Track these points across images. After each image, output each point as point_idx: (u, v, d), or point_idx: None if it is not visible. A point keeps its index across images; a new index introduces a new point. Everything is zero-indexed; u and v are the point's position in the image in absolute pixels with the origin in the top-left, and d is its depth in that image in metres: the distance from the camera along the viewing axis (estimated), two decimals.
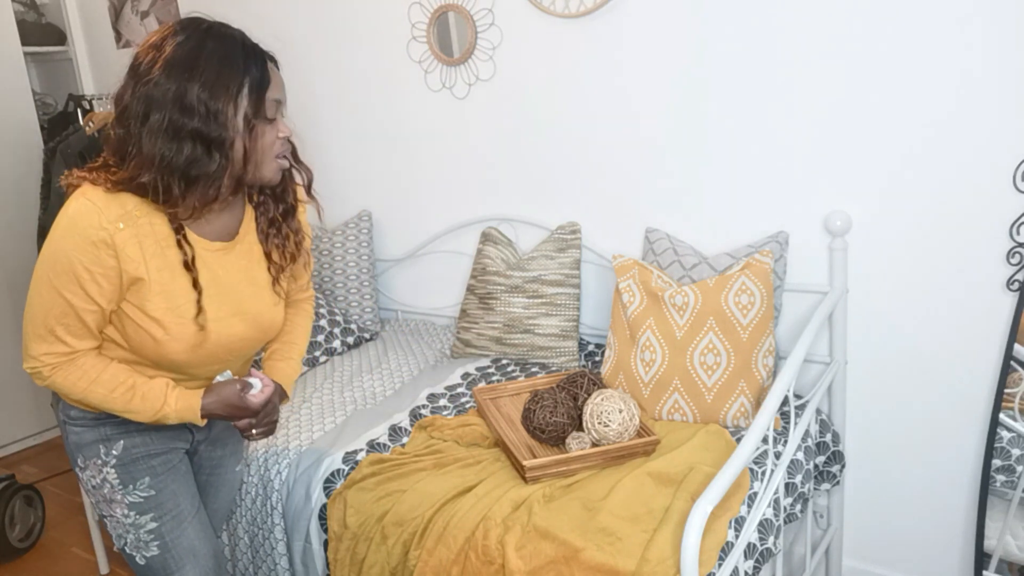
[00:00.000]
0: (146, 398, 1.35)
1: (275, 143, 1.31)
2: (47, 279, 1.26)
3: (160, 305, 1.31)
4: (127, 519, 1.45)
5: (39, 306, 1.28)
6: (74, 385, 1.33)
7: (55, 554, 2.69)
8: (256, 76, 1.25)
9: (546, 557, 1.45)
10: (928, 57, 1.78)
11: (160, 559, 1.47)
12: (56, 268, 1.25)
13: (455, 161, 2.58)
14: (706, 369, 1.85)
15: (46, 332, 1.29)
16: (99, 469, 1.44)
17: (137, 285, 1.29)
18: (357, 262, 2.70)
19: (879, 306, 1.97)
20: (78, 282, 1.25)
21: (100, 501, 1.46)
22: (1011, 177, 1.75)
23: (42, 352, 1.31)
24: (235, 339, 1.42)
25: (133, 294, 1.30)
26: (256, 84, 1.25)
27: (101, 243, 1.24)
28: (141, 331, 1.32)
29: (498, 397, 2.02)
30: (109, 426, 1.43)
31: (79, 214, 1.24)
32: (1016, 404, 1.83)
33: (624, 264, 2.01)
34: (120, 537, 1.47)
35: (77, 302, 1.27)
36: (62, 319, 1.28)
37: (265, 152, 1.30)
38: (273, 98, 1.29)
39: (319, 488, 1.79)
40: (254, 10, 2.83)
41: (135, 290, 1.29)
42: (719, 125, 2.08)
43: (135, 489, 1.44)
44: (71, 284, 1.25)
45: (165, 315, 1.31)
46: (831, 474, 1.99)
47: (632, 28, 2.14)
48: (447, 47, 2.48)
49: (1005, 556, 1.88)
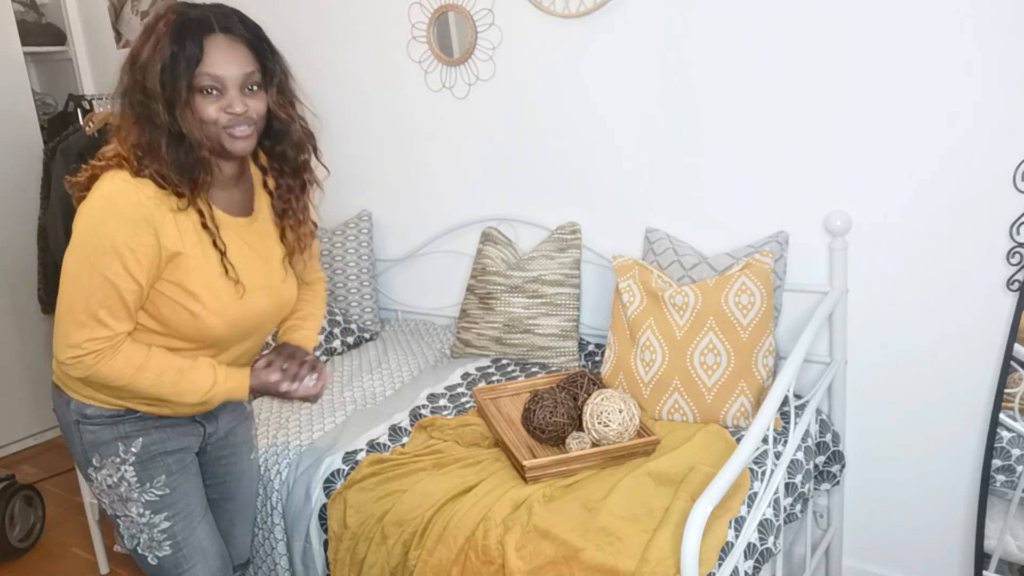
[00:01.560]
0: (196, 379, 1.37)
1: (218, 116, 1.29)
2: (87, 263, 1.27)
3: (198, 280, 1.34)
4: (142, 518, 1.45)
5: (79, 291, 1.28)
6: (120, 373, 1.33)
7: (55, 554, 2.69)
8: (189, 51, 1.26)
9: (546, 557, 1.45)
10: (928, 57, 1.78)
11: (172, 559, 1.48)
12: (97, 250, 1.26)
13: (455, 161, 2.58)
14: (706, 369, 1.85)
15: (87, 317, 1.29)
16: (117, 468, 1.44)
17: (175, 261, 1.31)
18: (357, 262, 2.70)
19: (879, 306, 1.97)
20: (120, 261, 1.26)
21: (115, 501, 1.46)
22: (1011, 177, 1.75)
23: (84, 339, 1.30)
24: (261, 313, 1.45)
25: (171, 271, 1.32)
26: (187, 59, 1.26)
27: (142, 220, 1.26)
28: (178, 308, 1.34)
29: (498, 397, 2.02)
30: (128, 423, 1.43)
31: (116, 194, 1.26)
32: (1016, 404, 1.83)
33: (624, 264, 2.01)
34: (133, 537, 1.47)
35: (120, 282, 1.28)
36: (105, 301, 1.28)
37: (205, 125, 1.29)
38: (206, 71, 1.27)
39: (319, 488, 1.79)
40: (254, 11, 2.82)
41: (173, 266, 1.32)
42: (719, 125, 2.07)
43: (152, 487, 1.45)
44: (114, 264, 1.26)
45: (203, 289, 1.34)
46: (831, 474, 1.99)
47: (632, 28, 2.14)
48: (447, 47, 2.48)
49: (1005, 556, 1.87)
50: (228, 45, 1.29)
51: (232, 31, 1.31)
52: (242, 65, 1.30)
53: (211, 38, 1.28)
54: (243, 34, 1.32)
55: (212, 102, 1.29)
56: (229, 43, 1.30)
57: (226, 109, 1.29)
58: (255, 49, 1.33)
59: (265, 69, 1.35)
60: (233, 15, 1.33)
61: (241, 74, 1.30)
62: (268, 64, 1.35)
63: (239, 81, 1.30)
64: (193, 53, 1.26)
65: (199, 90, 1.28)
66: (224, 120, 1.30)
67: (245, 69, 1.31)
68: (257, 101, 1.34)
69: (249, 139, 1.34)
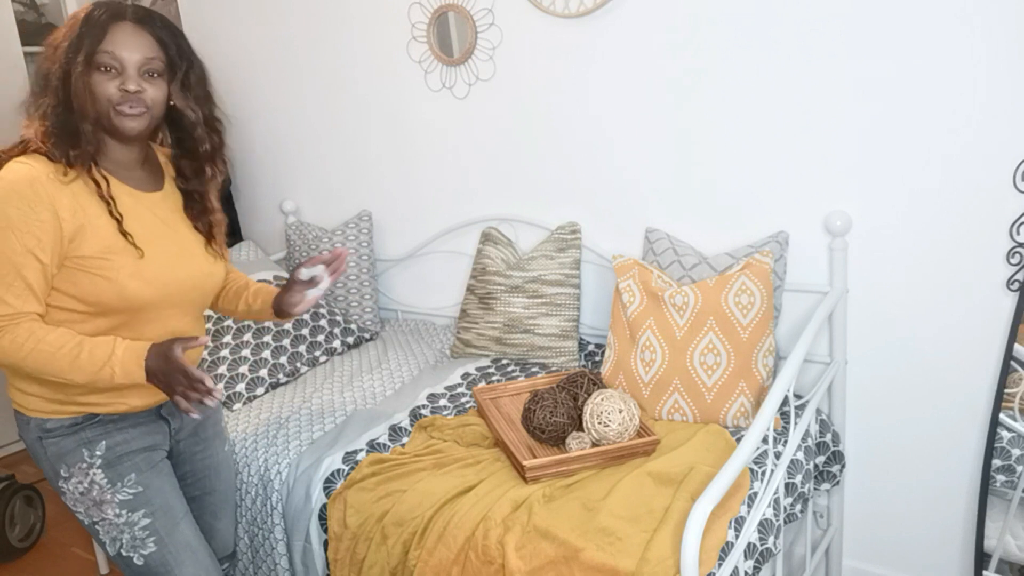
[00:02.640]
0: (93, 352, 1.35)
1: (111, 92, 1.35)
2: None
3: (104, 243, 1.36)
4: (119, 519, 1.45)
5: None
6: (20, 347, 1.32)
7: (55, 554, 2.68)
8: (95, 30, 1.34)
9: (546, 557, 1.45)
10: (928, 57, 1.78)
11: (159, 555, 1.47)
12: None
13: (455, 161, 2.58)
14: (706, 369, 1.85)
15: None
16: (85, 473, 1.44)
17: (80, 234, 1.34)
18: (357, 262, 2.70)
19: (879, 306, 1.97)
20: (17, 238, 1.29)
21: (90, 507, 1.46)
22: (1011, 177, 1.75)
23: None
24: (185, 280, 1.47)
25: (76, 246, 1.34)
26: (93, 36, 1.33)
27: (35, 196, 1.30)
28: (96, 278, 1.36)
29: (498, 397, 2.02)
30: (88, 429, 1.45)
31: (11, 175, 1.31)
32: (1016, 404, 1.83)
33: (624, 264, 2.01)
34: (115, 540, 1.47)
35: (18, 258, 1.30)
36: (4, 278, 1.30)
37: (97, 99, 1.35)
38: (107, 49, 1.34)
39: (319, 488, 1.79)
40: (253, 11, 2.83)
41: (79, 241, 1.34)
42: (719, 125, 2.07)
43: (123, 486, 1.46)
44: (10, 240, 1.29)
45: (110, 253, 1.37)
46: (831, 474, 1.99)
47: (632, 28, 2.14)
48: (447, 47, 2.48)
49: (1005, 556, 1.87)
50: (133, 31, 1.37)
51: (142, 23, 1.38)
52: (143, 50, 1.37)
53: (118, 23, 1.36)
54: (153, 27, 1.39)
55: (109, 79, 1.35)
56: (135, 29, 1.37)
57: (120, 86, 1.35)
58: (161, 41, 1.40)
59: (170, 61, 1.41)
60: (153, 14, 1.41)
61: (141, 57, 1.37)
62: (173, 56, 1.42)
63: (138, 63, 1.37)
64: (97, 33, 1.34)
65: (98, 67, 1.34)
66: (116, 97, 1.35)
67: (146, 54, 1.37)
68: (154, 88, 1.39)
69: (138, 119, 1.38)
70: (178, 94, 1.44)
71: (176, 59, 1.42)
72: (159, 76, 1.40)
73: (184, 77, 1.44)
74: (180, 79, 1.44)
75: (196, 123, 1.48)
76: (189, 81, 1.45)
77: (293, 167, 2.96)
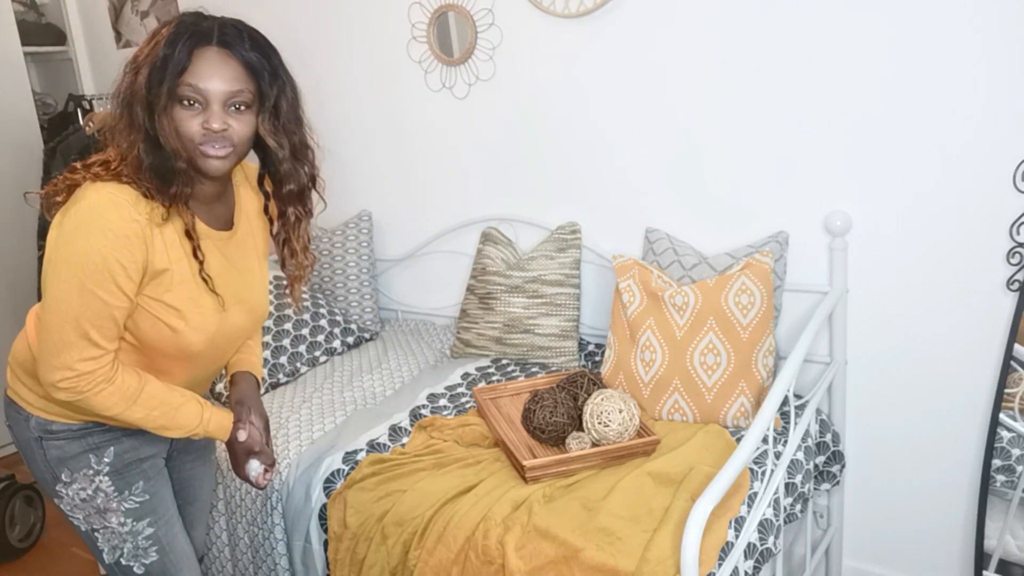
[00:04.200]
0: (182, 418, 1.37)
1: (194, 131, 1.23)
2: (77, 282, 1.20)
3: (182, 295, 1.31)
4: (124, 527, 1.42)
5: (68, 311, 1.22)
6: (113, 404, 1.29)
7: (55, 554, 2.68)
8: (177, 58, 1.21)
9: (546, 557, 1.45)
10: (929, 56, 1.78)
11: (159, 564, 1.46)
12: (87, 268, 1.20)
13: (455, 161, 2.58)
14: (706, 369, 1.85)
15: (77, 337, 1.23)
16: (90, 480, 1.40)
17: (161, 276, 1.28)
18: (357, 262, 2.70)
19: (879, 306, 1.97)
20: (113, 279, 1.21)
21: (91, 514, 1.41)
22: (1011, 177, 1.75)
23: (75, 359, 1.24)
24: (238, 327, 1.44)
25: (154, 287, 1.28)
26: (173, 66, 1.21)
27: (134, 236, 1.21)
28: (159, 323, 1.31)
29: (498, 397, 2.01)
30: (96, 434, 1.40)
31: (104, 207, 1.20)
32: (1016, 404, 1.83)
33: (624, 264, 2.01)
34: (116, 549, 1.43)
35: (113, 300, 1.23)
36: (96, 320, 1.23)
37: (181, 137, 1.23)
38: (189, 82, 1.21)
39: (319, 488, 1.79)
40: (253, 11, 2.83)
41: (157, 282, 1.28)
42: (719, 125, 2.07)
43: (131, 495, 1.43)
44: (106, 282, 1.21)
45: (187, 304, 1.32)
46: (831, 474, 1.99)
47: (632, 28, 2.13)
48: (447, 47, 2.48)
49: (1005, 556, 1.87)
50: (220, 59, 1.24)
51: (231, 47, 1.25)
52: (230, 82, 1.24)
53: (204, 49, 1.23)
54: (243, 52, 1.26)
55: (192, 115, 1.23)
56: (222, 58, 1.24)
57: (204, 124, 1.23)
58: (250, 67, 1.27)
59: (260, 92, 1.29)
60: (243, 33, 1.27)
61: (227, 91, 1.24)
62: (263, 87, 1.29)
63: (223, 97, 1.24)
64: (181, 60, 1.21)
65: (180, 100, 1.22)
66: (199, 136, 1.24)
67: (233, 87, 1.24)
68: (241, 123, 1.27)
69: (223, 160, 1.27)
70: (267, 129, 1.31)
71: (267, 89, 1.29)
72: (247, 108, 1.27)
73: (275, 106, 1.31)
74: (270, 110, 1.30)
75: (283, 159, 1.36)
76: (279, 109, 1.32)
77: None
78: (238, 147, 1.28)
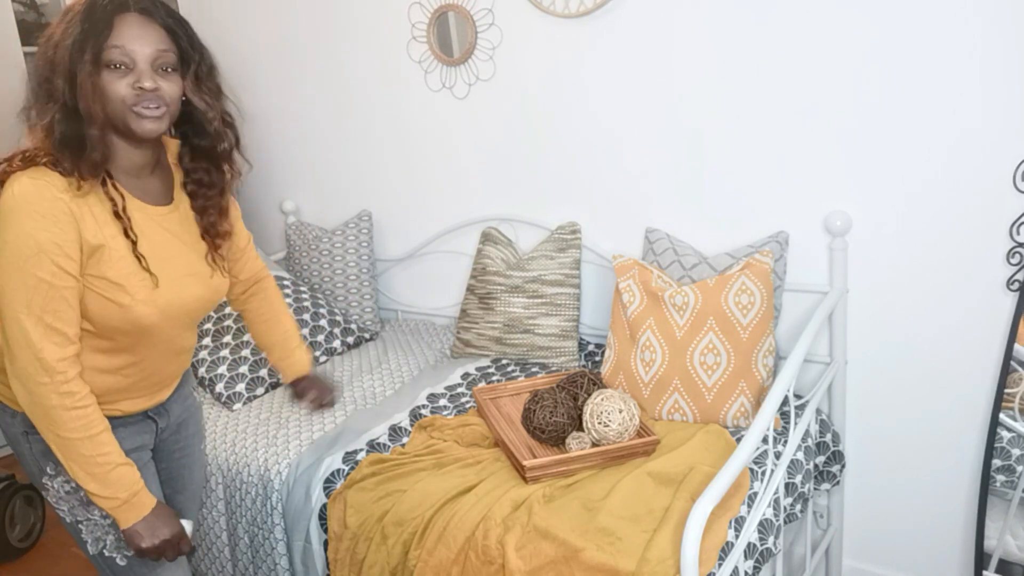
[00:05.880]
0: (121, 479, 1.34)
1: (124, 92, 1.24)
2: (18, 270, 1.21)
3: (123, 270, 1.30)
4: (106, 519, 1.42)
5: (20, 303, 1.23)
6: (74, 429, 1.28)
7: (55, 554, 2.68)
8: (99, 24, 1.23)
9: (546, 557, 1.45)
10: (928, 57, 1.78)
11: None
12: (24, 253, 1.21)
13: (455, 161, 2.58)
14: (706, 369, 1.85)
15: (44, 328, 1.24)
16: None
17: (98, 253, 1.27)
18: (357, 262, 2.70)
19: (879, 306, 1.97)
20: (52, 260, 1.22)
21: (75, 506, 1.42)
22: (1011, 177, 1.75)
23: (54, 357, 1.25)
24: (194, 299, 1.42)
25: (94, 264, 1.28)
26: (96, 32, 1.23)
27: (60, 213, 1.22)
28: (105, 302, 1.30)
29: (498, 397, 2.02)
30: None
31: (26, 192, 1.21)
32: (1016, 404, 1.83)
33: (624, 264, 2.01)
34: (98, 540, 1.43)
35: (57, 281, 1.23)
36: (49, 305, 1.24)
37: (111, 101, 1.24)
38: (115, 44, 1.23)
39: (319, 488, 1.79)
40: (253, 10, 2.82)
41: (96, 259, 1.28)
42: (719, 125, 2.07)
43: None
44: (46, 263, 1.21)
45: (128, 278, 1.31)
46: (831, 474, 1.99)
47: (632, 28, 2.14)
48: (447, 47, 2.48)
49: (1005, 556, 1.87)
50: (141, 23, 1.26)
51: (150, 13, 1.28)
52: (155, 43, 1.26)
53: (124, 15, 1.25)
54: (161, 17, 1.28)
55: (120, 77, 1.24)
56: (143, 21, 1.27)
57: (134, 84, 1.24)
58: (172, 32, 1.30)
59: (182, 53, 1.31)
60: (157, 2, 1.30)
61: (153, 51, 1.26)
62: (185, 48, 1.31)
63: (150, 58, 1.26)
64: (102, 29, 1.22)
65: (107, 65, 1.23)
66: (131, 97, 1.24)
67: (158, 47, 1.27)
68: (170, 83, 1.29)
69: (157, 120, 1.28)
70: (193, 88, 1.33)
71: (188, 50, 1.32)
72: (173, 70, 1.30)
73: (197, 69, 1.34)
74: (194, 72, 1.33)
75: (212, 119, 1.37)
76: (202, 73, 1.35)
77: (293, 167, 2.96)
78: (171, 107, 1.30)
